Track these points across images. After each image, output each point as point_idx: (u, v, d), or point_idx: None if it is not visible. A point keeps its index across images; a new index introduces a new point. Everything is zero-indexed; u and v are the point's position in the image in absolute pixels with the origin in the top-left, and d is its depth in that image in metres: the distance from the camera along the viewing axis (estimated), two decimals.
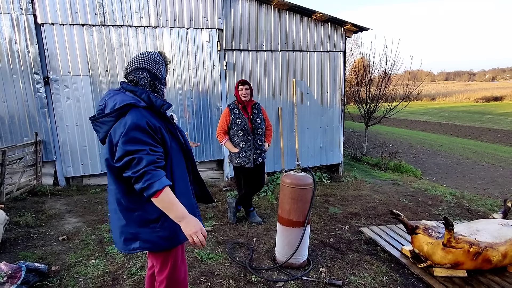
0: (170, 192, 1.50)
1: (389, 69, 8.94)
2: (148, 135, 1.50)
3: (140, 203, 1.58)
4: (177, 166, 1.66)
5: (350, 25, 5.76)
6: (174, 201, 1.50)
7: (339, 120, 6.25)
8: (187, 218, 1.53)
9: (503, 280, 2.90)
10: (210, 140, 5.41)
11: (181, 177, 1.69)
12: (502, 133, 18.83)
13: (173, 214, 1.50)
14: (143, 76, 1.63)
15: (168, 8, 4.86)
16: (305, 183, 2.95)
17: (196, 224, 1.54)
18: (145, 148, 1.46)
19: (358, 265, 3.10)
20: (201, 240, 1.55)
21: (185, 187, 1.72)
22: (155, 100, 1.59)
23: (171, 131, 1.66)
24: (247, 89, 3.64)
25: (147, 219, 1.59)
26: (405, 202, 5.09)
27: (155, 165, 1.47)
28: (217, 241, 3.50)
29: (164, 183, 1.47)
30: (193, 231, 1.52)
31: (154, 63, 1.66)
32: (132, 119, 1.49)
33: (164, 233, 1.61)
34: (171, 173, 1.62)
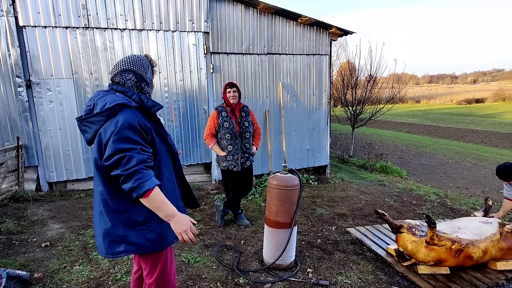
0: (160, 192, 1.50)
1: (374, 72, 9.11)
2: (139, 135, 1.51)
3: (128, 205, 1.57)
4: (166, 167, 1.67)
5: (335, 28, 5.86)
6: (164, 200, 1.51)
7: (325, 122, 6.32)
8: (176, 216, 1.54)
9: (484, 276, 2.99)
10: (197, 143, 5.39)
11: (169, 179, 1.69)
12: (484, 134, 19.40)
13: (163, 213, 1.51)
14: (129, 77, 1.64)
15: (153, 11, 4.84)
16: (291, 184, 2.97)
17: (186, 222, 1.56)
18: (136, 147, 1.47)
19: (344, 265, 3.13)
20: (191, 238, 1.57)
21: (173, 189, 1.72)
22: (146, 101, 1.60)
23: (161, 132, 1.67)
24: (235, 91, 3.64)
25: (134, 222, 1.58)
26: (391, 202, 5.18)
27: (145, 164, 1.48)
28: (205, 244, 3.48)
29: (155, 182, 1.48)
30: (183, 229, 1.54)
31: (140, 65, 1.67)
32: (125, 118, 1.49)
33: (151, 236, 1.60)
34: (159, 174, 1.63)
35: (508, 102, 43.59)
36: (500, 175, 3.72)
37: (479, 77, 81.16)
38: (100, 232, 1.63)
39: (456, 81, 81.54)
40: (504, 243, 3.10)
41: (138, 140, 1.49)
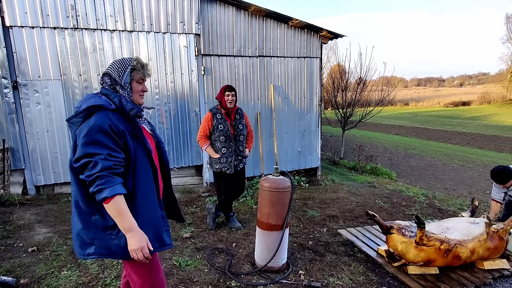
0: (121, 202, 1.46)
1: (364, 75, 9.23)
2: (110, 138, 1.48)
3: (98, 208, 1.53)
4: (142, 173, 1.61)
5: (325, 32, 5.92)
6: (123, 212, 1.47)
7: (316, 125, 6.36)
8: (133, 232, 1.49)
9: (471, 276, 3.04)
10: (188, 146, 5.36)
11: (146, 185, 1.63)
12: (470, 136, 19.84)
13: (120, 224, 1.48)
14: (105, 80, 1.66)
15: (144, 13, 4.81)
16: (283, 186, 2.98)
17: (140, 240, 1.50)
18: (103, 153, 1.44)
19: (336, 267, 3.15)
20: (141, 259, 1.51)
21: (150, 196, 1.65)
22: (125, 104, 1.59)
23: (138, 136, 1.62)
24: (233, 95, 3.62)
25: (104, 225, 1.54)
26: (381, 203, 5.24)
27: (111, 171, 1.44)
28: (196, 247, 3.45)
29: (116, 191, 1.43)
30: (134, 248, 1.49)
31: (116, 68, 1.65)
32: (96, 120, 1.48)
33: (119, 242, 1.54)
34: (133, 180, 1.57)
35: (494, 105, 44.69)
36: (495, 178, 3.82)
37: (465, 80, 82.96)
38: (74, 232, 1.61)
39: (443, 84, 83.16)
40: (491, 243, 3.17)
41: (107, 144, 1.47)
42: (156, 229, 1.66)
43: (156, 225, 1.67)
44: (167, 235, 1.72)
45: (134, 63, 1.69)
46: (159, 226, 1.68)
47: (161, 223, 1.70)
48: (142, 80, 1.72)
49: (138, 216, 1.55)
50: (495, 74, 62.96)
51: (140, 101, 1.73)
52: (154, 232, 1.65)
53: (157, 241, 1.66)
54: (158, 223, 1.68)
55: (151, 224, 1.63)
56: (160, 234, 1.68)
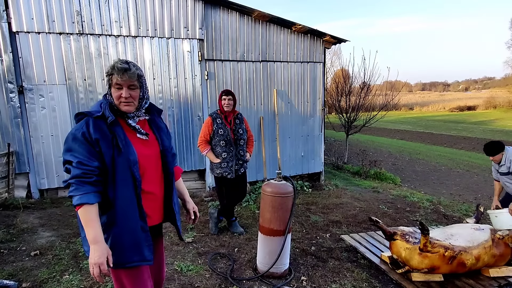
0: (89, 211, 1.44)
1: (367, 79, 9.21)
2: (83, 146, 1.48)
3: None
4: (122, 184, 1.54)
5: (329, 36, 5.92)
6: (89, 222, 1.45)
7: (319, 129, 6.35)
8: (96, 245, 1.44)
9: (477, 283, 2.99)
10: (191, 150, 5.37)
11: (126, 196, 1.55)
12: (476, 141, 19.63)
13: (86, 234, 1.46)
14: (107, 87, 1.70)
15: (148, 18, 4.86)
16: (285, 191, 2.97)
17: (100, 255, 1.43)
18: (74, 160, 1.47)
19: (339, 273, 3.11)
20: (95, 274, 1.44)
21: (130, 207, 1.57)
22: (104, 111, 1.56)
23: (119, 146, 1.54)
24: (230, 99, 3.63)
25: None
26: (385, 209, 5.19)
27: (80, 179, 1.44)
28: (198, 252, 3.44)
29: (83, 200, 1.43)
30: (92, 261, 1.44)
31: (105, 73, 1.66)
32: (73, 128, 1.53)
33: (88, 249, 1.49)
34: (113, 190, 1.53)
35: (499, 109, 44.28)
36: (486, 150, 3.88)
37: (470, 85, 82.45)
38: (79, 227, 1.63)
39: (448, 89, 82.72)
40: (496, 249, 3.12)
41: (80, 151, 1.48)
42: (136, 242, 1.59)
43: (136, 237, 1.59)
44: (148, 250, 1.63)
45: (108, 69, 1.59)
46: (139, 239, 1.60)
47: (142, 236, 1.60)
48: (120, 86, 1.56)
49: (117, 226, 1.53)
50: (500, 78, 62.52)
51: (123, 108, 1.59)
52: (133, 244, 1.58)
53: (137, 254, 1.59)
54: (138, 236, 1.59)
55: (130, 236, 1.57)
56: (140, 248, 1.60)
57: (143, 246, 1.61)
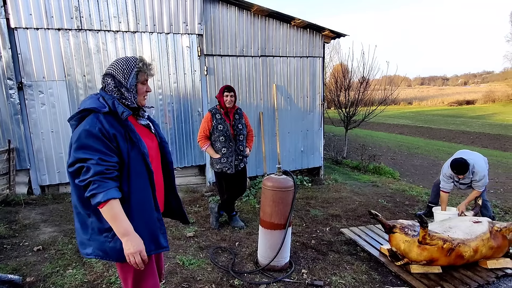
0: (116, 206, 1.46)
1: (366, 74, 9.22)
2: (101, 142, 1.47)
3: (94, 210, 1.52)
4: (137, 176, 1.59)
5: (328, 31, 5.92)
6: (118, 216, 1.46)
7: (319, 124, 6.37)
8: (129, 236, 1.48)
9: (475, 275, 3.04)
10: (191, 145, 5.39)
11: (141, 188, 1.61)
12: (474, 135, 19.69)
13: (115, 229, 1.48)
14: (108, 82, 1.62)
15: (147, 13, 4.84)
16: (286, 186, 2.99)
17: (137, 245, 1.50)
18: (94, 158, 1.43)
19: (338, 266, 3.16)
20: (138, 263, 1.51)
21: (146, 199, 1.63)
22: (117, 106, 1.56)
23: (132, 139, 1.59)
24: (232, 96, 3.65)
25: (100, 227, 1.54)
26: (384, 203, 5.23)
27: (103, 176, 1.44)
28: (199, 247, 3.48)
29: (109, 196, 1.43)
30: (131, 252, 1.48)
31: (120, 69, 1.61)
32: (85, 125, 1.48)
33: (115, 245, 1.53)
34: (128, 183, 1.56)
35: (498, 103, 44.32)
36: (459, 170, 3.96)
37: (469, 79, 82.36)
38: (76, 231, 1.64)
39: (447, 83, 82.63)
40: (494, 242, 3.16)
41: (99, 148, 1.46)
42: (152, 232, 1.65)
43: (152, 228, 1.65)
44: (163, 238, 1.71)
45: (140, 65, 1.65)
46: (155, 228, 1.67)
47: (157, 225, 1.68)
48: (146, 81, 1.70)
49: (133, 219, 1.55)
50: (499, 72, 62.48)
51: (143, 102, 1.71)
52: (150, 234, 1.64)
53: (153, 243, 1.65)
54: (154, 226, 1.66)
55: (146, 227, 1.62)
56: (156, 237, 1.67)
57: (158, 235, 1.67)
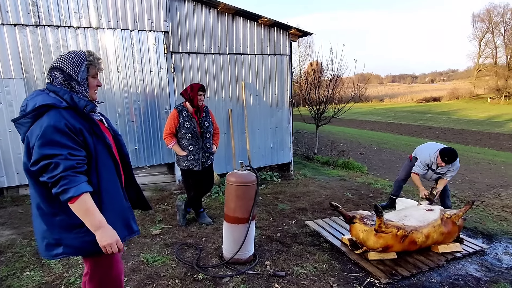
0: (88, 200, 1.47)
1: (335, 72, 9.46)
2: (68, 137, 1.46)
3: (62, 207, 1.51)
4: (104, 169, 1.62)
5: (294, 29, 6.04)
6: (91, 209, 1.47)
7: (288, 121, 6.49)
8: (103, 228, 1.50)
9: (427, 259, 3.25)
10: (159, 144, 5.33)
11: (110, 179, 1.64)
12: (440, 130, 20.70)
13: (88, 222, 1.48)
14: (56, 76, 1.58)
15: (110, 9, 4.73)
16: (249, 180, 3.06)
17: (112, 235, 1.53)
18: (63, 153, 1.42)
19: (301, 256, 3.26)
20: (115, 252, 1.55)
21: (115, 189, 1.68)
22: (78, 101, 1.55)
23: (97, 133, 1.61)
24: (204, 95, 3.73)
25: (70, 224, 1.54)
26: (349, 195, 5.43)
27: (73, 170, 1.43)
28: (165, 244, 3.47)
29: (81, 189, 1.43)
30: (108, 242, 1.51)
31: (70, 62, 1.58)
32: (49, 120, 1.44)
33: (90, 237, 1.54)
34: (97, 177, 1.58)
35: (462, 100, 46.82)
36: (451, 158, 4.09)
37: (436, 77, 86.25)
38: (38, 234, 1.60)
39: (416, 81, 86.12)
40: (445, 228, 3.38)
41: (66, 143, 1.44)
42: (124, 219, 1.72)
43: (124, 215, 1.72)
44: (134, 223, 1.79)
45: (90, 58, 1.64)
46: (127, 216, 1.74)
47: (128, 213, 1.75)
48: (96, 75, 1.70)
49: (105, 211, 1.57)
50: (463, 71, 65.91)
51: (94, 97, 1.71)
52: (122, 221, 1.70)
53: (126, 229, 1.73)
54: (125, 214, 1.73)
55: (119, 216, 1.68)
56: (128, 223, 1.74)
57: (130, 221, 1.75)
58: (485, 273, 3.06)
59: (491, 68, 50.66)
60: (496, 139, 16.86)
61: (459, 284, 2.87)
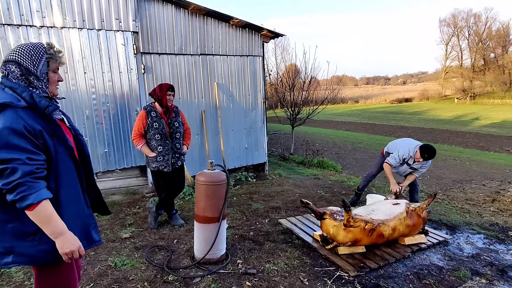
0: (48, 206, 1.39)
1: (308, 73, 9.64)
2: (26, 140, 1.36)
3: (16, 214, 1.42)
4: (65, 173, 1.54)
5: (266, 31, 6.10)
6: (51, 216, 1.40)
7: (262, 121, 6.53)
8: (64, 235, 1.44)
9: (393, 251, 3.36)
10: (130, 146, 5.21)
11: (70, 184, 1.56)
12: (411, 129, 21.53)
13: (49, 230, 1.41)
14: (12, 70, 1.46)
15: (75, 8, 4.59)
16: (218, 179, 3.05)
17: (74, 242, 1.47)
18: (21, 157, 1.32)
19: (273, 254, 3.29)
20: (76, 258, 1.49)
21: (76, 195, 1.60)
22: (38, 101, 1.43)
23: (58, 134, 1.52)
24: (173, 95, 3.70)
25: (24, 232, 1.45)
26: (322, 193, 5.53)
27: (33, 176, 1.34)
28: (135, 247, 3.40)
29: (42, 196, 1.36)
30: (70, 250, 1.45)
31: (28, 55, 1.46)
32: (6, 122, 1.34)
33: (45, 246, 1.46)
34: (55, 181, 1.50)
35: (431, 100, 48.98)
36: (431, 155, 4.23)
37: (407, 79, 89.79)
38: None
39: (389, 83, 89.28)
40: (410, 220, 3.52)
41: (25, 147, 1.35)
42: (84, 228, 1.62)
43: (83, 223, 1.62)
44: (95, 232, 1.69)
45: (51, 51, 1.54)
46: (87, 224, 1.65)
47: (89, 221, 1.66)
48: (57, 70, 1.60)
49: (63, 217, 1.48)
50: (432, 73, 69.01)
51: (55, 92, 1.62)
52: (82, 230, 1.60)
53: (86, 239, 1.62)
54: (85, 221, 1.64)
55: (78, 224, 1.58)
56: (88, 232, 1.64)
57: (90, 230, 1.65)
58: (448, 262, 3.21)
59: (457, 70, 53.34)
60: (462, 137, 17.75)
61: (423, 273, 2.99)
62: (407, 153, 4.37)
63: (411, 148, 4.37)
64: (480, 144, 15.35)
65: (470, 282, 2.85)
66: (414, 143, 4.46)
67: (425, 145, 4.31)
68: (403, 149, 4.42)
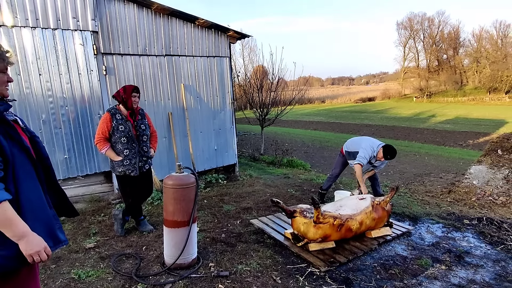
0: (9, 208, 1.35)
1: (276, 74, 9.76)
2: None
3: None
4: (23, 175, 1.48)
5: (232, 32, 6.09)
6: (13, 218, 1.36)
7: (231, 122, 6.50)
8: (28, 236, 1.40)
9: (361, 244, 3.48)
10: (93, 151, 4.97)
11: (30, 186, 1.51)
12: (375, 127, 22.50)
13: (10, 232, 1.36)
14: None
15: (26, 6, 4.29)
16: (187, 182, 2.99)
17: (39, 242, 1.43)
18: None
19: (245, 254, 3.28)
20: (43, 260, 1.45)
21: (37, 197, 1.54)
22: None
23: (12, 136, 1.47)
24: (139, 96, 3.59)
25: None
26: (293, 192, 5.61)
27: None
28: (101, 257, 3.24)
29: (2, 198, 1.32)
30: (36, 250, 1.41)
31: None
32: None
33: (7, 252, 1.40)
34: (14, 183, 1.44)
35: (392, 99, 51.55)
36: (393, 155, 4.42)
37: (370, 79, 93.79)
38: None
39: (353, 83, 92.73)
40: (375, 213, 3.66)
41: None
42: (49, 229, 1.57)
43: (47, 224, 1.57)
44: (60, 232, 1.64)
45: None
46: (52, 225, 1.59)
47: (53, 222, 1.60)
48: (6, 70, 1.55)
49: (26, 219, 1.43)
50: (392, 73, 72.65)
51: (5, 93, 1.56)
52: (46, 231, 1.55)
53: (51, 239, 1.58)
54: (49, 222, 1.58)
55: (42, 225, 1.53)
56: (53, 232, 1.59)
57: (55, 230, 1.60)
58: (411, 252, 3.38)
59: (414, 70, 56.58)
60: (421, 134, 18.85)
61: (389, 264, 3.12)
62: (371, 153, 4.57)
63: (374, 147, 4.58)
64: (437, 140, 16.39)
65: (432, 269, 3.02)
66: (376, 142, 4.66)
67: (388, 146, 4.53)
68: (368, 149, 4.59)
